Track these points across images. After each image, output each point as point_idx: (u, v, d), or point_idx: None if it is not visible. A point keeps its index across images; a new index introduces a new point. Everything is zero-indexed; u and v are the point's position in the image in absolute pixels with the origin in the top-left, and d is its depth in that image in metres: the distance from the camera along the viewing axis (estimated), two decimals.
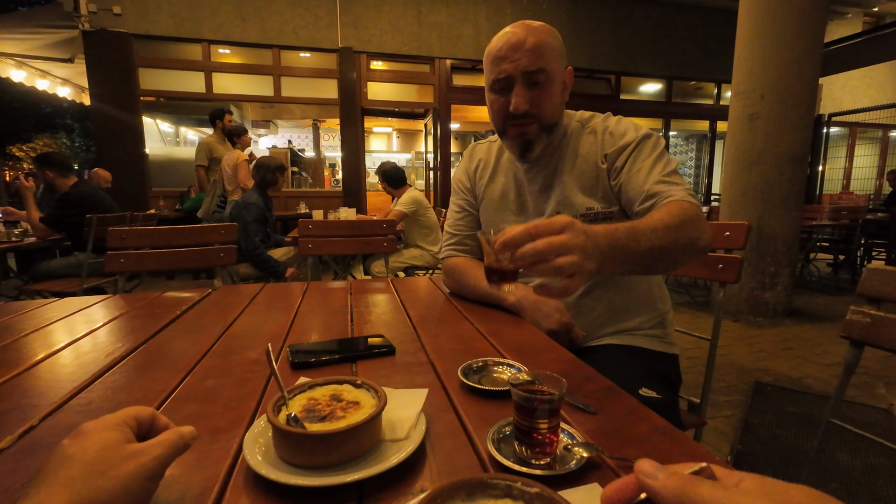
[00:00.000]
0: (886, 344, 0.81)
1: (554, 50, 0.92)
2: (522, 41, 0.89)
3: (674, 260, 0.75)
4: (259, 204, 2.89)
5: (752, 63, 3.23)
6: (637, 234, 0.68)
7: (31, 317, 0.99)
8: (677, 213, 0.77)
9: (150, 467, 0.34)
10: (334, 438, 0.42)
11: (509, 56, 0.90)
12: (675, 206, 0.79)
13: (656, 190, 0.86)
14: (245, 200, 2.90)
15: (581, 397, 0.58)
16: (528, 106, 0.91)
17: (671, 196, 0.83)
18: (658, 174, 0.88)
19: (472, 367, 0.65)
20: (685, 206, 0.80)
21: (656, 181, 0.87)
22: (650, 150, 0.92)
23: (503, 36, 0.92)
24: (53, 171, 2.83)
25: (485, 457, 0.45)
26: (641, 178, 0.89)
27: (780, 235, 3.29)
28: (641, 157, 0.91)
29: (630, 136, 0.94)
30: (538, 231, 0.55)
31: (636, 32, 6.41)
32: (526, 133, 0.95)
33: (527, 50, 0.89)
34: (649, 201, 0.86)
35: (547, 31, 0.92)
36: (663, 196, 0.84)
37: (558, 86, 0.94)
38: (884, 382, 2.27)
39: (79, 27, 4.78)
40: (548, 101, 0.93)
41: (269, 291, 1.23)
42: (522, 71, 0.89)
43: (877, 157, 8.04)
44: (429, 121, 6.43)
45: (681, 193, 0.83)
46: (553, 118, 0.96)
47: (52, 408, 0.57)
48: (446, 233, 1.20)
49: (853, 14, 7.26)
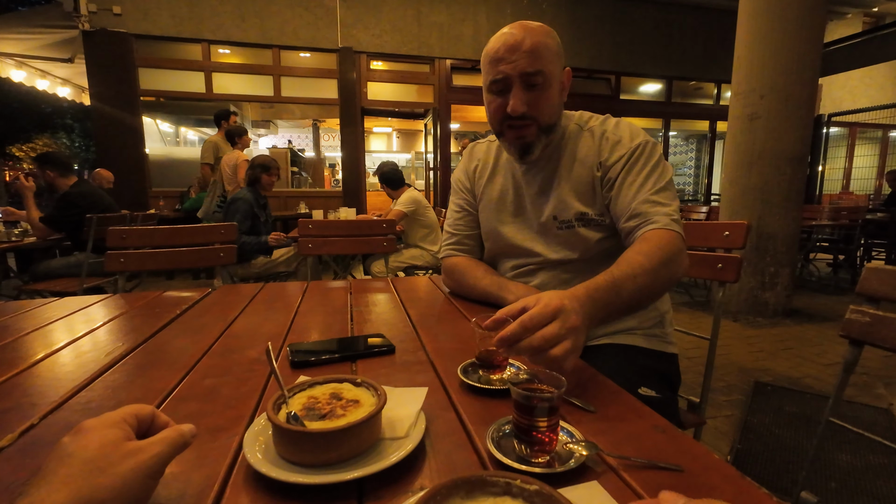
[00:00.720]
0: (886, 343, 0.81)
1: (552, 51, 0.91)
2: (520, 42, 0.88)
3: (652, 298, 0.82)
4: (247, 199, 2.90)
5: (752, 63, 3.23)
6: (618, 287, 0.71)
7: (31, 316, 0.99)
8: (656, 251, 0.79)
9: (150, 465, 0.34)
10: (334, 436, 0.42)
11: (507, 57, 0.89)
12: (654, 242, 0.81)
13: (641, 210, 0.88)
14: (234, 197, 2.92)
15: (580, 396, 0.58)
16: (525, 108, 0.90)
17: (653, 223, 0.85)
18: (647, 192, 0.89)
19: (471, 366, 0.65)
20: (664, 239, 0.82)
21: (643, 200, 0.89)
22: (643, 162, 0.92)
23: (501, 37, 0.91)
24: (54, 171, 2.84)
25: (484, 455, 0.45)
26: (630, 195, 0.91)
27: (779, 235, 3.29)
28: (634, 170, 0.92)
29: (625, 147, 0.94)
30: (532, 323, 0.56)
31: (636, 32, 6.41)
32: (524, 136, 0.95)
33: (524, 51, 0.88)
34: (633, 221, 0.89)
35: (545, 31, 0.91)
36: (646, 220, 0.87)
37: (556, 87, 0.94)
38: (883, 382, 2.28)
39: (79, 27, 4.79)
40: (546, 102, 0.92)
41: (268, 291, 1.23)
42: (520, 72, 0.89)
43: (876, 158, 8.04)
44: (429, 121, 6.43)
45: (663, 220, 0.85)
46: (551, 119, 0.95)
47: (52, 406, 0.57)
48: (446, 232, 1.20)
49: (853, 14, 7.26)
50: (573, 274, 1.01)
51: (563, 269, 1.02)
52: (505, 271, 1.11)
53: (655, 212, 0.87)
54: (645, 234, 0.85)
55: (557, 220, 1.00)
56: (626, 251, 0.82)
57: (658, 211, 0.87)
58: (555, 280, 1.03)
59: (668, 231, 0.84)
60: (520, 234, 1.07)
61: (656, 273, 0.76)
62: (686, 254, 0.85)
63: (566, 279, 1.02)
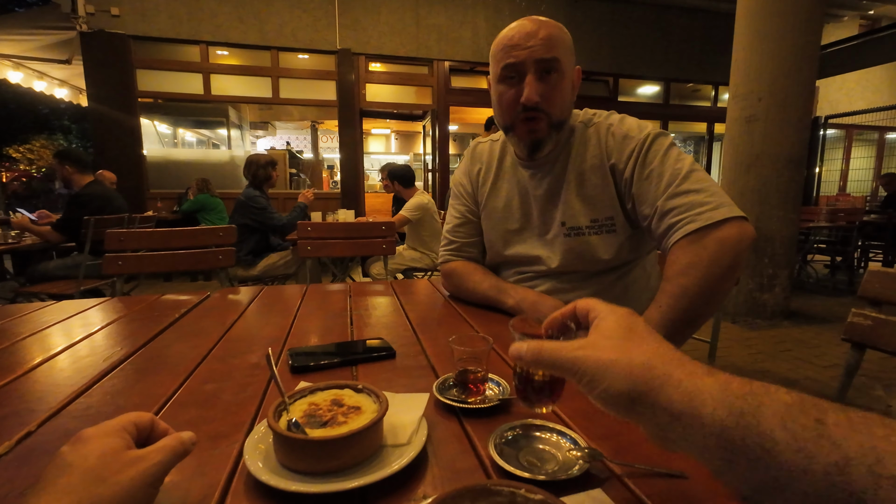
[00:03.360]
0: (888, 346, 0.81)
1: (566, 44, 0.89)
2: (536, 31, 0.86)
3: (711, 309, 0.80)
4: (262, 195, 2.92)
5: (750, 66, 3.24)
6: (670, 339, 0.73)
7: (28, 320, 0.98)
8: (689, 272, 0.75)
9: (150, 473, 0.34)
10: (336, 444, 0.41)
11: (522, 43, 0.86)
12: (684, 264, 0.76)
13: (669, 207, 0.81)
14: (248, 195, 2.89)
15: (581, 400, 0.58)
16: (539, 98, 0.86)
17: (689, 224, 0.78)
18: (671, 184, 0.82)
19: (447, 383, 0.61)
20: (696, 251, 0.76)
21: (671, 194, 0.82)
22: (656, 151, 0.87)
23: (514, 27, 0.88)
24: (73, 167, 2.87)
25: (487, 462, 0.45)
26: (653, 191, 0.84)
27: (777, 237, 3.30)
28: (649, 162, 0.86)
29: (634, 141, 0.89)
30: None
31: (634, 35, 6.43)
32: (536, 130, 0.90)
33: (541, 38, 0.85)
34: (664, 221, 0.82)
35: (558, 26, 0.89)
36: (681, 221, 0.79)
37: (569, 82, 0.91)
38: (882, 384, 2.28)
39: (76, 28, 4.77)
40: (559, 95, 0.89)
41: (267, 294, 1.22)
42: (536, 59, 0.85)
43: (873, 159, 8.08)
44: (427, 122, 6.44)
45: (700, 218, 0.77)
46: (563, 115, 0.92)
47: (49, 413, 0.56)
48: (445, 238, 1.16)
49: (849, 17, 7.30)
50: (577, 284, 0.99)
51: (567, 278, 0.99)
52: (506, 278, 1.09)
53: (689, 205, 0.79)
54: (680, 243, 0.79)
55: (566, 227, 0.96)
56: (667, 269, 0.78)
57: (692, 203, 0.79)
58: (557, 289, 1.00)
59: (704, 233, 0.76)
60: (525, 245, 1.04)
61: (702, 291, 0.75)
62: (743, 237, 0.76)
63: (569, 289, 0.99)
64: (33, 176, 18.01)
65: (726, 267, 0.75)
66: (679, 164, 0.84)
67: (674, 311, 0.75)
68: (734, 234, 0.76)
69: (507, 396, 0.57)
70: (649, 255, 1.06)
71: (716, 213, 0.77)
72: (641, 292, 1.01)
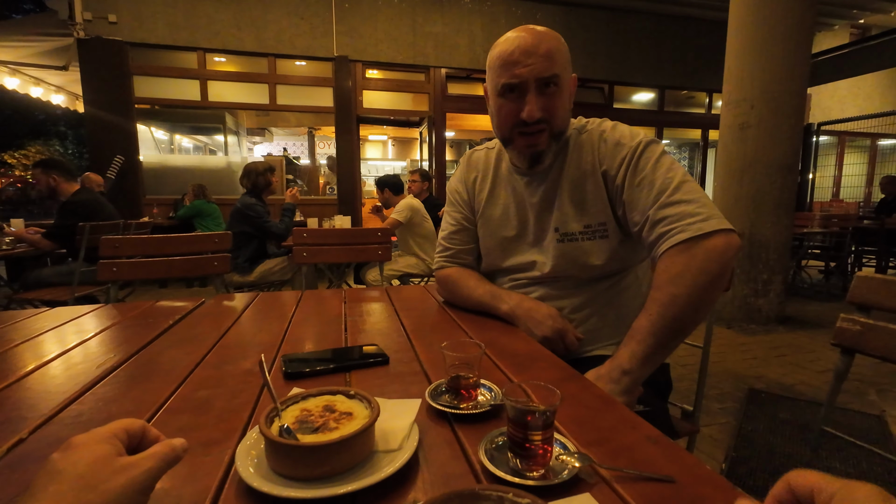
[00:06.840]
0: (876, 351, 0.82)
1: (564, 56, 0.90)
2: (536, 46, 0.86)
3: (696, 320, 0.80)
4: (259, 202, 2.93)
5: (743, 73, 3.28)
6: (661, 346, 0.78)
7: (21, 327, 0.98)
8: (678, 281, 0.77)
9: (140, 481, 0.34)
10: (327, 450, 0.42)
11: (522, 60, 0.86)
12: (673, 273, 0.78)
13: (659, 217, 0.83)
14: (244, 202, 2.90)
15: (573, 406, 0.58)
16: (541, 113, 0.87)
17: (677, 234, 0.80)
18: (662, 193, 0.83)
19: (439, 389, 0.62)
20: (685, 260, 0.78)
21: (662, 203, 0.83)
22: (647, 159, 0.88)
23: (514, 39, 0.87)
24: (60, 176, 2.85)
25: (477, 467, 0.45)
26: (643, 199, 0.86)
27: (771, 243, 3.32)
28: (640, 170, 0.87)
29: (626, 148, 0.90)
30: None
31: (629, 43, 6.50)
32: (536, 144, 0.91)
33: (541, 55, 0.86)
34: (654, 230, 0.83)
35: (556, 36, 0.90)
36: (670, 231, 0.81)
37: (567, 93, 0.92)
38: (875, 388, 2.29)
39: (74, 35, 4.78)
40: (559, 107, 0.90)
41: (263, 300, 1.22)
42: (537, 76, 0.86)
43: (865, 166, 8.17)
44: (424, 129, 6.46)
45: (689, 229, 0.79)
46: (563, 126, 0.93)
47: (41, 420, 0.56)
48: (440, 244, 1.16)
49: (840, 26, 7.40)
50: (570, 291, 0.99)
51: (559, 284, 1.00)
52: (501, 285, 1.09)
53: (679, 215, 0.80)
54: (669, 252, 0.80)
55: (559, 233, 0.97)
56: (657, 278, 0.80)
57: (682, 213, 0.80)
58: (550, 296, 1.00)
59: (693, 243, 0.78)
60: (521, 253, 1.05)
61: (689, 309, 0.77)
62: (729, 248, 0.78)
63: (562, 295, 0.99)
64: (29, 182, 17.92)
65: (714, 276, 0.77)
66: (671, 173, 0.85)
67: (663, 318, 0.76)
68: (721, 244, 0.78)
69: (499, 402, 0.57)
70: (642, 262, 1.06)
71: (705, 224, 0.78)
72: (633, 299, 1.01)
